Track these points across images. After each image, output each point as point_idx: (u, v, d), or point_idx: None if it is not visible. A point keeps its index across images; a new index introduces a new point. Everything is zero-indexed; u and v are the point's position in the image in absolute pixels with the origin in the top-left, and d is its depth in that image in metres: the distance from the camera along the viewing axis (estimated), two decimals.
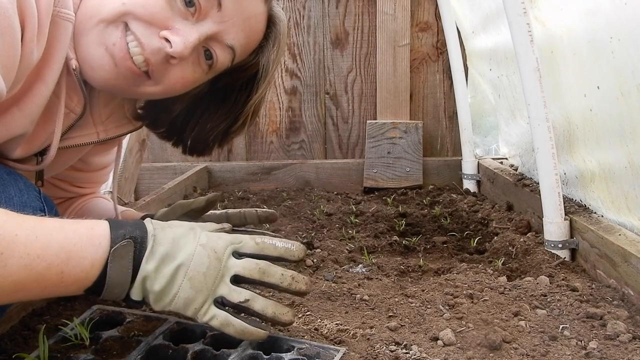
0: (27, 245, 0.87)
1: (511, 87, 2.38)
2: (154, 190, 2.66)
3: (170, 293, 1.00)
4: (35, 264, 0.88)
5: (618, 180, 1.59)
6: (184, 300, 1.00)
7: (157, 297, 1.00)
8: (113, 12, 1.04)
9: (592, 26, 1.57)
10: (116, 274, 0.96)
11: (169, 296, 1.00)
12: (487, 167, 2.71)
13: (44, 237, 0.90)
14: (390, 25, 3.07)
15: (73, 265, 0.92)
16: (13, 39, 0.91)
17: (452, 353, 1.14)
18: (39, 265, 0.88)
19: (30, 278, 0.87)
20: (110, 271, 0.95)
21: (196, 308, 1.01)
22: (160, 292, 0.99)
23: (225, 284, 1.02)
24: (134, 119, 1.31)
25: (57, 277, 0.91)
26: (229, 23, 1.11)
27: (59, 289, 0.92)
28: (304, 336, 1.20)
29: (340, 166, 3.15)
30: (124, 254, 0.97)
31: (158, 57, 1.06)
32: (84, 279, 0.94)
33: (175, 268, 0.99)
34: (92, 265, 0.95)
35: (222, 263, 1.01)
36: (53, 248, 0.90)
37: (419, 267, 1.79)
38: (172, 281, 0.99)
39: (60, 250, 0.91)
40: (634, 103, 1.40)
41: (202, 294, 1.00)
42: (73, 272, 0.92)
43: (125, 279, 0.97)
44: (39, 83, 1.03)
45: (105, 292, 0.97)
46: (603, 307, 1.33)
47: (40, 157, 1.18)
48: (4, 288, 0.85)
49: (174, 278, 0.99)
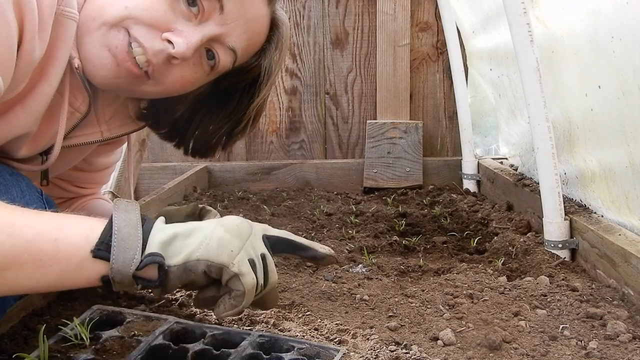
0: (13, 217, 0.81)
1: (511, 87, 2.38)
2: (154, 190, 2.66)
3: (200, 234, 0.89)
4: (22, 232, 0.81)
5: (618, 180, 1.58)
6: (219, 241, 0.90)
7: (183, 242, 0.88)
8: (116, 16, 1.04)
9: (594, 26, 1.57)
10: (125, 223, 0.86)
11: (198, 237, 0.89)
12: (487, 167, 2.71)
13: (31, 212, 0.85)
14: (390, 25, 3.07)
15: (68, 231, 0.84)
16: (9, 35, 0.90)
17: (452, 353, 1.14)
18: (26, 234, 0.81)
19: (18, 247, 0.80)
20: (117, 220, 0.86)
21: (232, 251, 0.90)
22: (188, 233, 0.89)
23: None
24: (137, 118, 1.31)
25: (51, 245, 0.82)
26: (231, 25, 1.11)
27: (60, 263, 0.83)
28: (304, 336, 1.20)
29: (340, 166, 3.15)
30: (130, 209, 0.90)
31: (160, 58, 1.07)
32: (84, 243, 0.85)
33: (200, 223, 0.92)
34: (92, 229, 0.86)
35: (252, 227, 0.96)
36: (42, 218, 0.84)
37: (419, 267, 1.79)
38: (201, 225, 0.91)
39: (51, 221, 0.85)
40: (635, 102, 1.40)
41: (238, 239, 0.92)
42: (69, 239, 0.84)
43: (135, 230, 0.86)
44: (43, 82, 1.03)
45: (115, 250, 0.85)
46: (603, 307, 1.33)
47: (45, 157, 1.18)
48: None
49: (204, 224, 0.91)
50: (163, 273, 0.88)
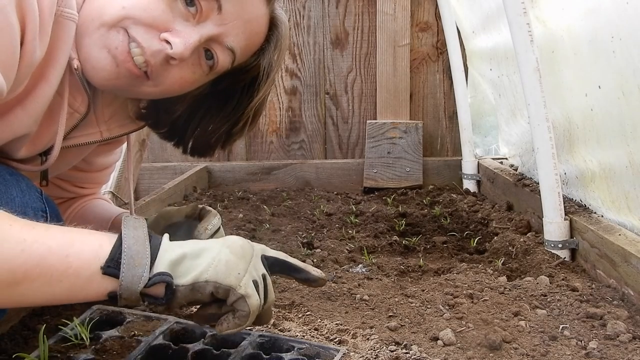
0: (24, 232, 0.83)
1: (511, 87, 2.38)
2: (154, 190, 2.66)
3: (208, 255, 0.92)
4: (34, 248, 0.82)
5: (618, 179, 1.58)
6: (226, 264, 0.92)
7: (191, 263, 0.90)
8: (114, 16, 1.04)
9: (594, 26, 1.57)
10: (134, 240, 0.88)
11: (206, 258, 0.91)
12: (487, 167, 2.71)
13: (41, 227, 0.86)
14: (390, 25, 3.07)
15: (78, 247, 0.86)
16: (12, 37, 0.90)
17: (452, 353, 1.14)
18: (38, 250, 0.83)
19: (30, 263, 0.82)
20: (126, 237, 0.88)
21: (240, 274, 0.93)
22: (196, 254, 0.91)
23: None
24: (136, 118, 1.31)
25: (62, 261, 0.84)
26: (229, 25, 1.11)
27: (69, 279, 0.85)
28: (304, 336, 1.20)
29: (340, 166, 3.15)
30: (138, 226, 0.91)
31: (158, 58, 1.06)
32: (94, 259, 0.86)
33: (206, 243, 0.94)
34: (100, 245, 0.88)
35: (252, 247, 0.99)
36: (52, 233, 0.85)
37: (419, 267, 1.79)
38: (208, 246, 0.93)
39: (61, 236, 0.86)
40: (635, 102, 1.40)
41: (243, 261, 0.95)
42: (79, 255, 0.85)
43: (144, 248, 0.88)
44: (43, 82, 1.03)
45: (125, 267, 0.86)
46: (603, 307, 1.33)
47: (45, 157, 1.18)
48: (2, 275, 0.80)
49: (210, 244, 0.93)
50: (170, 292, 0.90)
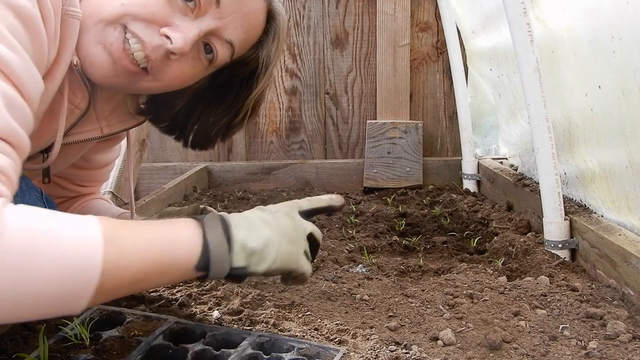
0: (134, 232, 0.90)
1: (511, 87, 2.38)
2: (154, 190, 2.66)
3: (272, 249, 1.04)
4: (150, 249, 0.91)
5: (618, 179, 1.58)
6: (288, 254, 1.07)
7: (261, 256, 1.03)
8: (112, 13, 1.04)
9: (593, 25, 1.57)
10: (216, 241, 0.98)
11: (271, 253, 1.04)
12: (487, 167, 2.71)
13: (140, 226, 0.93)
14: (390, 25, 3.07)
15: (176, 247, 0.95)
16: (42, 43, 0.93)
17: (452, 353, 1.14)
18: (154, 250, 0.91)
19: (149, 263, 0.90)
20: (210, 240, 0.98)
21: (297, 259, 1.09)
22: (263, 250, 1.03)
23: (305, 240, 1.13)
24: (136, 114, 1.31)
25: (170, 260, 0.93)
26: (227, 19, 1.12)
27: (172, 274, 0.95)
28: (304, 336, 1.20)
29: (340, 166, 3.15)
30: (214, 225, 1.00)
31: (159, 53, 1.07)
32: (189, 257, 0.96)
33: (267, 228, 1.05)
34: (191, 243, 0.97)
35: (296, 221, 1.12)
36: (154, 232, 0.93)
37: (419, 267, 1.79)
38: (270, 239, 1.04)
39: (162, 237, 0.94)
40: (635, 102, 1.40)
41: (297, 244, 1.09)
42: (178, 254, 0.94)
43: (223, 247, 0.99)
44: (48, 81, 1.03)
45: (213, 265, 0.98)
46: (603, 307, 1.33)
47: (46, 154, 1.19)
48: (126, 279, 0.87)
49: (271, 237, 1.05)
50: (246, 277, 1.07)
